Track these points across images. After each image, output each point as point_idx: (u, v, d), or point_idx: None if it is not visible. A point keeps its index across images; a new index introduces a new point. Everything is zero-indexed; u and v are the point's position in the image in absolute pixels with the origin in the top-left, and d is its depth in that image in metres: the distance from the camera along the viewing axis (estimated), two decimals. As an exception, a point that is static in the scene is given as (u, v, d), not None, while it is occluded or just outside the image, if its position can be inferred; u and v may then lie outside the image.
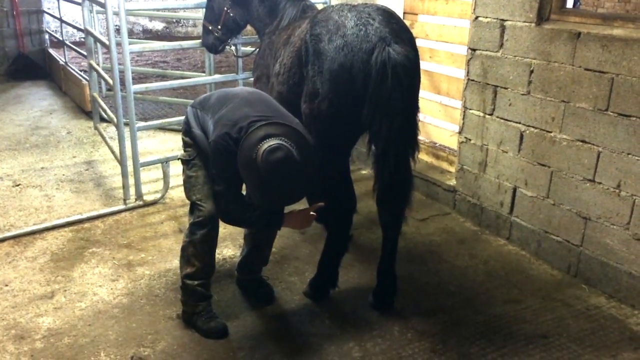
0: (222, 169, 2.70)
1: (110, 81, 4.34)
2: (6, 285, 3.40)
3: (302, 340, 2.96)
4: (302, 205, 3.09)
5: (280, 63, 3.29)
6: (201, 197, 2.88)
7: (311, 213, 2.82)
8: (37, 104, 7.37)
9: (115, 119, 4.47)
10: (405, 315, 3.17)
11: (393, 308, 3.20)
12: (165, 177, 4.51)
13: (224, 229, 3.81)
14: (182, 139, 3.02)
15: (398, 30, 2.86)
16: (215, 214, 2.88)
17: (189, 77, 6.50)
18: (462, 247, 3.92)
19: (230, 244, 3.87)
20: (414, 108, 2.95)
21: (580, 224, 3.46)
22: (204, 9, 4.29)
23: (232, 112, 2.72)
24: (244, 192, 2.90)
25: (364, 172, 5.19)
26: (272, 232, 3.24)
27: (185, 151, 2.99)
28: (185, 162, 2.97)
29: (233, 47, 4.56)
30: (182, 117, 4.94)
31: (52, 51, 8.79)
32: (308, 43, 2.96)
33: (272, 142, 2.50)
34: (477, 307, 3.25)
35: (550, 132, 3.55)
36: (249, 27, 4.31)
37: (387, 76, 2.71)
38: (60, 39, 8.05)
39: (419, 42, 3.06)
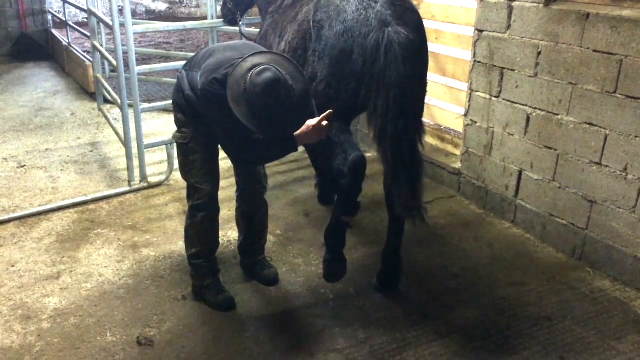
0: (218, 117, 2.65)
1: (114, 62, 4.31)
2: (12, 266, 3.42)
3: (307, 322, 2.98)
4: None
5: (286, 41, 3.25)
6: (199, 179, 2.89)
7: (323, 123, 2.67)
8: (41, 85, 7.35)
9: (119, 101, 4.46)
10: (410, 298, 3.18)
11: (397, 290, 3.21)
12: (170, 158, 4.51)
13: (228, 211, 3.82)
14: (175, 115, 2.95)
15: (401, 12, 2.79)
16: (214, 194, 2.92)
17: (193, 59, 6.46)
18: (466, 230, 3.92)
19: (234, 226, 3.87)
20: (414, 88, 2.84)
21: (586, 207, 3.45)
22: None
23: (216, 59, 2.70)
24: None
25: (368, 154, 5.17)
26: (265, 213, 3.25)
27: (180, 132, 2.93)
28: (181, 145, 2.92)
29: (243, 27, 4.57)
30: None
31: (55, 32, 8.73)
32: (311, 29, 2.94)
33: (260, 68, 2.46)
34: (482, 290, 3.25)
35: (557, 114, 3.52)
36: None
37: (380, 55, 2.66)
38: (63, 19, 8.00)
39: (424, 23, 3.00)
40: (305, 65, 3.02)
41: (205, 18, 6.70)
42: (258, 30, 4.72)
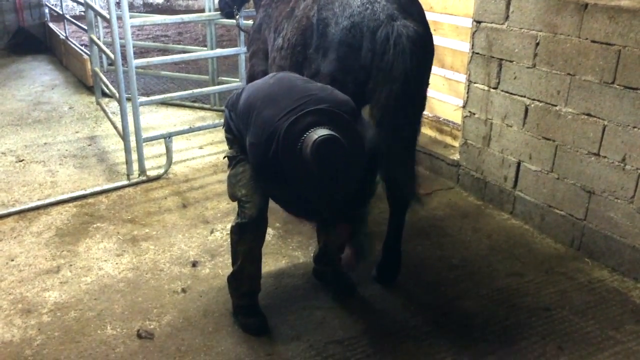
0: (274, 187, 2.61)
1: (112, 55, 4.30)
2: (12, 260, 3.42)
3: (307, 314, 2.99)
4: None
5: (284, 38, 3.23)
6: (246, 192, 2.72)
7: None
8: (39, 78, 7.33)
9: (117, 94, 4.45)
10: (409, 289, 3.19)
11: (396, 282, 3.22)
12: (168, 152, 4.51)
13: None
14: (226, 136, 2.89)
15: (406, 4, 2.81)
16: (263, 208, 2.76)
17: (191, 51, 6.46)
18: (465, 221, 3.93)
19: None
20: (419, 82, 2.87)
21: (584, 197, 3.45)
22: None
23: (257, 121, 2.52)
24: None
25: (367, 146, 5.17)
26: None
27: (231, 148, 2.86)
28: (231, 158, 2.83)
29: (241, 20, 4.58)
30: (185, 92, 4.99)
31: (52, 25, 8.70)
32: (314, 26, 2.91)
33: (320, 132, 2.24)
34: (480, 281, 3.27)
35: (556, 105, 3.52)
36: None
37: (389, 47, 2.66)
38: (61, 12, 7.96)
39: (423, 15, 3.01)
40: (306, 61, 3.00)
41: (202, 11, 6.67)
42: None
